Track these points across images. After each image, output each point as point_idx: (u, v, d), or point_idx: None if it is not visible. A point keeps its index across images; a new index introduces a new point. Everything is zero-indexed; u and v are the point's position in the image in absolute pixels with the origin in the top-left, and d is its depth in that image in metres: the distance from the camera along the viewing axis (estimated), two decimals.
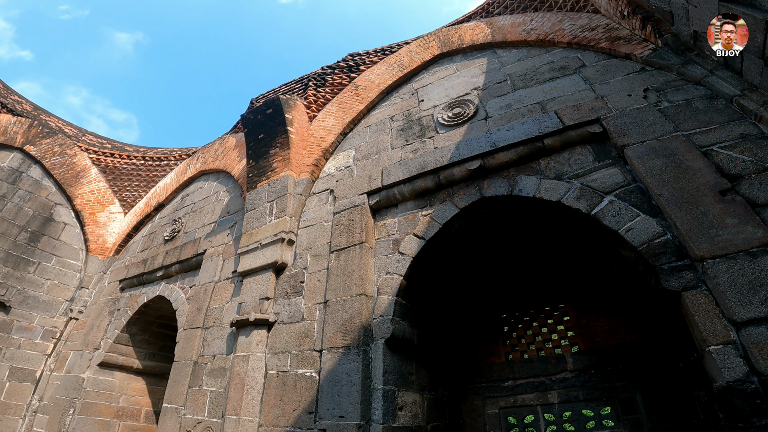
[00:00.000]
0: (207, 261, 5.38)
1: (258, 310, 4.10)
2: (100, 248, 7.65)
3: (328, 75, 6.08)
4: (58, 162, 7.90)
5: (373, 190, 4.22)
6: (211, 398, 4.04)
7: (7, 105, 7.61)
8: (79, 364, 6.04)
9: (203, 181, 7.26)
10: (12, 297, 6.66)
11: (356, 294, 3.47)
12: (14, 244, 6.97)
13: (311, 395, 3.25)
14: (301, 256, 4.31)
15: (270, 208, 4.87)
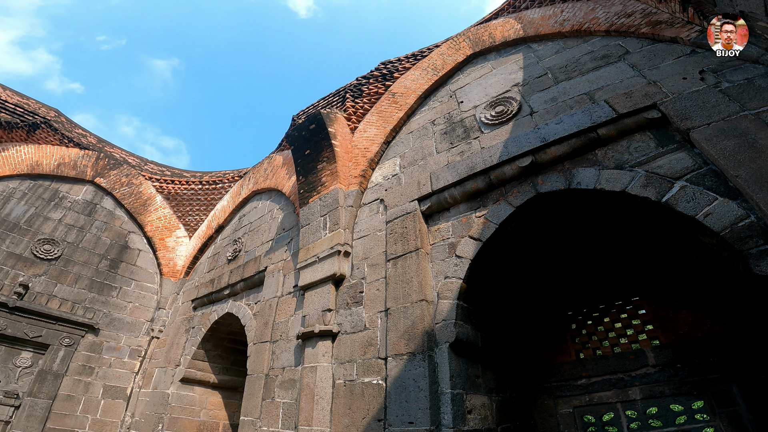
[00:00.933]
0: (269, 277, 5.66)
1: (321, 322, 4.25)
2: (172, 271, 8.31)
3: (363, 85, 6.18)
4: (126, 192, 8.69)
5: (423, 195, 4.24)
6: (283, 410, 4.22)
7: (74, 139, 8.43)
8: (164, 380, 6.55)
9: (257, 201, 7.66)
10: (100, 320, 7.39)
11: (416, 300, 3.50)
12: (97, 271, 7.75)
13: (379, 403, 3.30)
14: (358, 267, 4.42)
15: (323, 222, 5.04)
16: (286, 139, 7.24)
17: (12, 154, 7.45)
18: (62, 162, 8.02)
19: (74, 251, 7.59)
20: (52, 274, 7.20)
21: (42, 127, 7.82)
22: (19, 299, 6.65)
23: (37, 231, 7.32)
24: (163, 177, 9.15)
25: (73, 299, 7.26)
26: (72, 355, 6.89)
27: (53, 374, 6.62)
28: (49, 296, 7.03)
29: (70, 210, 7.89)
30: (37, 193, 7.61)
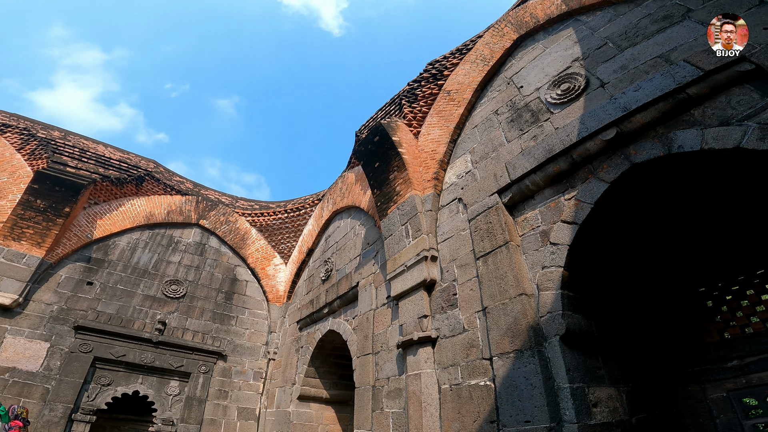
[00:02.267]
0: (361, 292, 5.86)
1: (419, 329, 4.25)
2: (276, 296, 9.08)
3: (416, 89, 6.13)
4: (227, 230, 9.73)
5: (502, 187, 4.07)
6: (393, 419, 4.28)
7: (174, 187, 9.62)
8: (284, 399, 7.10)
9: (339, 220, 8.04)
10: (226, 347, 8.30)
11: (515, 295, 3.33)
12: (216, 303, 8.75)
13: (489, 404, 3.19)
14: (448, 270, 4.36)
15: (405, 231, 5.09)
16: (354, 155, 7.53)
17: (129, 208, 8.85)
18: (170, 209, 9.29)
19: (195, 288, 8.69)
20: (182, 310, 8.32)
21: (146, 179, 9.15)
22: (160, 335, 7.77)
23: (163, 274, 8.55)
24: (253, 211, 10.10)
25: (202, 330, 8.29)
26: (209, 381, 7.83)
27: (197, 400, 7.56)
28: (183, 330, 8.11)
29: (185, 252, 9.09)
30: (156, 241, 8.90)
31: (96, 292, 7.72)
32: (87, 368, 7.04)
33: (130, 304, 7.91)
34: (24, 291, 7.01)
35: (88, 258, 7.94)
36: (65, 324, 7.22)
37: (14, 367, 6.59)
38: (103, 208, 8.46)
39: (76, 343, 7.12)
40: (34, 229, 7.34)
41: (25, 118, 8.64)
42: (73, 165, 8.07)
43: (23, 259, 7.15)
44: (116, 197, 8.73)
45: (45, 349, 6.92)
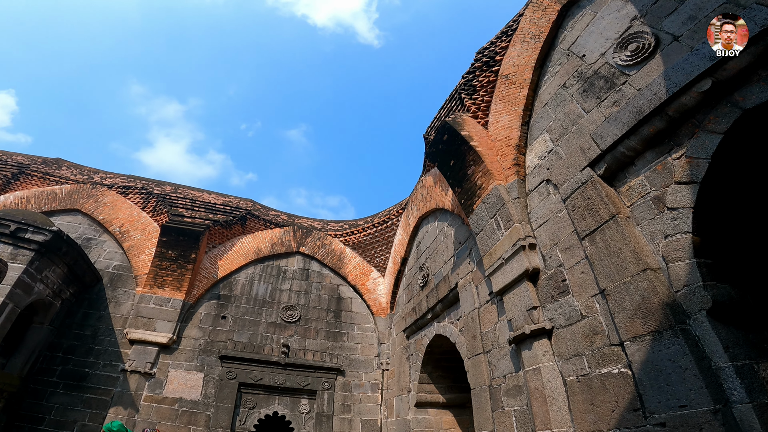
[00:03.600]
0: (461, 292, 5.77)
1: (529, 322, 4.04)
2: (379, 309, 9.40)
3: (472, 80, 5.97)
4: (324, 252, 10.37)
5: (593, 160, 3.74)
6: (515, 417, 4.11)
7: (272, 221, 10.56)
8: (402, 407, 7.25)
9: (426, 225, 8.06)
10: (342, 363, 8.79)
11: (637, 272, 2.99)
12: (327, 323, 9.34)
13: (629, 392, 2.88)
14: (550, 256, 4.10)
15: (495, 223, 4.91)
16: (427, 158, 7.53)
17: (240, 247, 9.93)
18: (273, 242, 10.23)
19: (307, 311, 9.40)
20: (299, 332, 9.05)
21: (248, 218, 10.22)
22: (286, 357, 8.53)
23: (278, 301, 9.41)
24: (344, 231, 10.64)
25: (320, 349, 8.91)
26: (333, 397, 8.35)
27: (326, 416, 8.11)
28: (304, 350, 8.81)
29: (293, 279, 9.90)
30: (267, 272, 9.84)
31: (230, 324, 8.81)
32: (235, 393, 8.00)
33: (258, 332, 8.86)
34: (175, 330, 8.28)
35: (218, 295, 9.13)
36: (212, 355, 8.34)
37: (180, 397, 7.77)
38: (220, 250, 9.66)
39: (224, 371, 8.16)
40: (172, 276, 8.66)
41: (140, 178, 10.35)
42: (189, 215, 9.39)
43: (169, 303, 8.47)
44: (228, 238, 9.91)
45: (201, 379, 8.05)
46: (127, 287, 8.66)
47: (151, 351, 8.00)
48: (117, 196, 9.78)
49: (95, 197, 9.65)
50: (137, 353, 7.92)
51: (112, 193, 9.82)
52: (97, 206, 9.51)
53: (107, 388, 7.52)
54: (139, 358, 7.87)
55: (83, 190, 9.74)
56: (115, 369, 7.73)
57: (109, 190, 9.88)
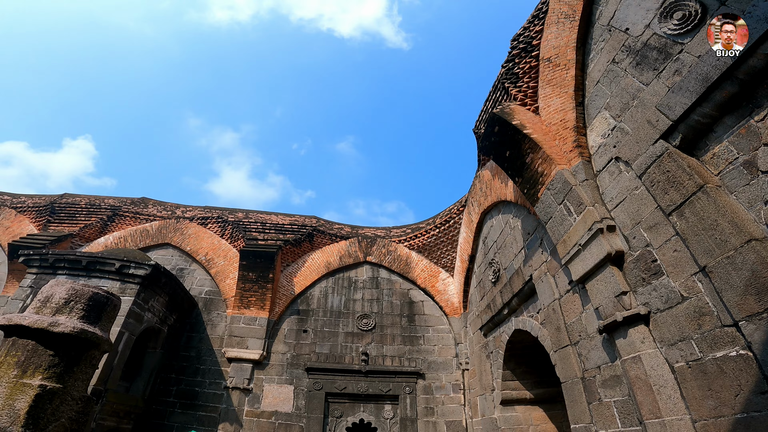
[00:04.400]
0: (538, 284, 5.60)
1: (620, 308, 3.83)
2: (452, 309, 9.37)
3: (513, 68, 5.86)
4: (390, 259, 10.55)
5: (665, 131, 3.55)
6: (617, 408, 3.92)
7: (336, 234, 10.97)
8: (487, 406, 7.15)
9: (489, 220, 7.92)
10: (421, 366, 8.87)
11: (740, 244, 2.74)
12: (402, 328, 9.48)
13: (752, 375, 2.64)
14: (634, 236, 3.87)
15: (565, 209, 4.73)
16: (481, 152, 7.45)
17: (311, 263, 10.42)
18: (341, 254, 10.62)
19: (381, 318, 9.63)
20: (376, 340, 9.29)
21: (315, 234, 10.74)
22: (366, 365, 8.80)
23: (353, 311, 9.74)
24: (407, 236, 10.76)
25: (397, 354, 9.07)
26: (415, 400, 8.45)
27: (410, 420, 8.23)
28: (382, 357, 9.02)
29: (363, 288, 10.20)
30: (339, 284, 10.24)
31: (311, 337, 9.30)
32: (323, 404, 8.41)
33: (337, 342, 9.24)
34: (264, 346, 8.91)
35: (297, 310, 9.68)
36: (298, 368, 8.85)
37: (276, 410, 8.33)
38: (293, 268, 10.24)
39: (311, 383, 8.62)
40: (255, 296, 9.34)
41: (215, 208, 11.27)
42: (261, 238, 10.08)
43: (256, 322, 9.14)
44: (299, 256, 10.48)
45: (291, 391, 8.58)
46: (219, 310, 9.50)
47: (246, 368, 8.68)
48: (198, 227, 10.79)
49: (180, 230, 10.72)
50: (235, 370, 8.63)
51: (193, 225, 10.85)
52: (183, 238, 10.56)
53: (215, 405, 8.28)
54: (237, 375, 8.58)
55: (170, 225, 10.87)
56: (219, 386, 8.49)
57: (191, 222, 10.93)
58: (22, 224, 10.97)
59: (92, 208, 10.94)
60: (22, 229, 10.81)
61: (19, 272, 9.51)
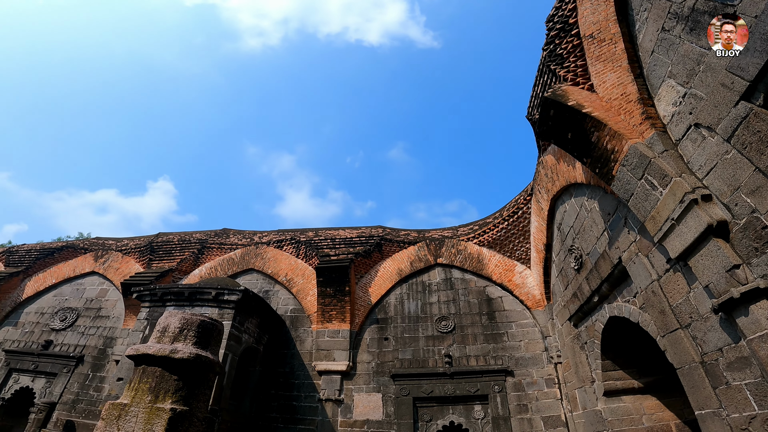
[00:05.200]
0: (630, 266, 5.25)
1: (735, 284, 3.49)
2: (534, 302, 9.04)
3: (555, 50, 5.69)
4: (461, 258, 10.44)
5: (743, 93, 3.29)
6: (750, 391, 3.55)
7: (403, 240, 11.09)
8: (588, 399, 6.77)
9: (561, 205, 7.57)
10: (508, 363, 8.64)
11: None
12: (483, 326, 9.32)
13: None
14: (735, 203, 3.52)
15: (648, 184, 4.42)
16: (540, 138, 7.21)
17: (383, 272, 10.64)
18: (411, 260, 10.74)
19: (460, 318, 9.56)
20: (458, 341, 9.23)
21: (383, 243, 10.97)
22: (451, 367, 8.77)
23: (430, 315, 9.78)
24: (474, 233, 10.60)
25: (481, 354, 8.94)
26: (506, 398, 8.25)
27: (502, 419, 8.04)
28: (465, 357, 8.94)
29: (437, 291, 10.21)
30: (413, 289, 10.34)
31: (392, 344, 9.50)
32: (411, 409, 8.52)
33: (419, 347, 9.34)
34: (350, 357, 9.27)
35: (376, 319, 9.95)
36: (384, 375, 9.07)
37: (367, 419, 8.60)
38: (367, 279, 10.55)
39: (397, 389, 8.79)
40: (335, 309, 9.76)
41: (286, 230, 11.97)
42: (333, 253, 10.52)
43: (339, 334, 9.54)
44: (370, 266, 10.78)
45: (380, 399, 8.81)
46: (305, 326, 10.07)
47: (335, 379, 9.08)
48: (275, 250, 11.56)
49: (260, 255, 11.56)
50: (326, 382, 9.07)
51: (271, 248, 11.65)
52: (264, 262, 11.37)
53: (312, 417, 8.75)
54: (328, 387, 9.00)
55: (251, 252, 11.76)
56: (313, 399, 8.97)
57: (268, 246, 11.74)
58: (128, 264, 12.54)
59: (184, 243, 12.21)
60: (129, 269, 12.36)
61: (133, 307, 10.86)
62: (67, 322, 11.55)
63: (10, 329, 11.85)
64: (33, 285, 12.69)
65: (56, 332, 11.43)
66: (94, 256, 13.02)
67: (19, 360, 10.88)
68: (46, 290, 12.57)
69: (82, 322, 11.44)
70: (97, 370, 10.36)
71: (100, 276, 12.58)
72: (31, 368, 10.70)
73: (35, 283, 12.72)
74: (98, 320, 11.41)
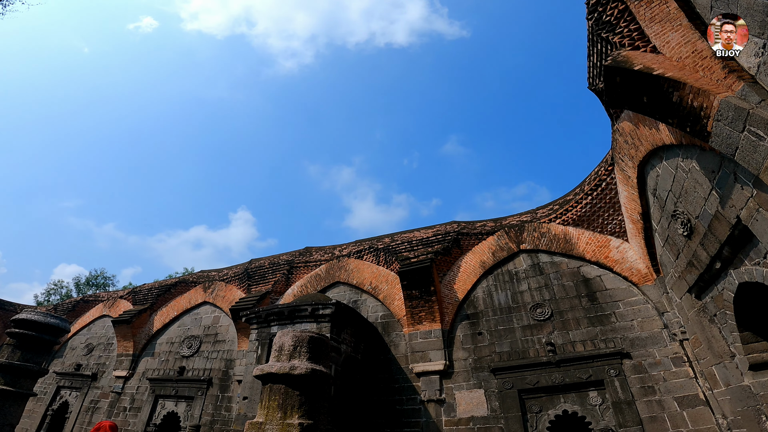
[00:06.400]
0: (752, 224, 4.52)
1: None
2: (640, 277, 8.20)
3: (602, 17, 5.57)
4: (546, 241, 9.83)
5: None
6: None
7: (480, 232, 10.77)
8: (729, 375, 5.99)
9: (651, 170, 6.79)
10: (622, 345, 7.93)
11: None
12: (584, 309, 8.68)
13: None
14: None
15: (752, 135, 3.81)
16: (609, 107, 6.87)
17: (465, 266, 10.43)
18: (493, 251, 10.39)
19: (556, 304, 9.02)
20: (558, 327, 8.71)
21: (460, 238, 10.78)
22: (555, 355, 8.30)
23: (523, 304, 9.36)
24: (556, 213, 9.93)
25: (588, 338, 8.33)
26: (626, 382, 7.57)
27: (624, 403, 7.39)
28: (570, 343, 8.40)
29: (525, 278, 9.74)
30: (499, 280, 9.99)
31: (487, 339, 9.27)
32: (518, 401, 8.23)
33: (516, 338, 8.99)
34: (445, 356, 9.24)
35: (466, 315, 9.80)
36: (483, 370, 8.88)
37: (472, 416, 8.49)
38: (450, 276, 10.45)
39: (500, 383, 8.55)
40: (423, 311, 9.80)
41: (363, 240, 12.30)
42: (412, 256, 10.56)
43: (431, 334, 9.56)
44: (451, 263, 10.66)
45: (482, 395, 8.64)
46: (396, 330, 10.27)
47: (434, 379, 9.11)
48: (356, 261, 11.98)
49: (344, 267, 12.06)
50: (425, 383, 9.14)
51: (352, 260, 12.09)
52: (348, 274, 11.84)
53: (416, 419, 8.88)
54: (428, 388, 9.06)
55: (334, 265, 12.33)
56: (415, 401, 9.09)
57: (349, 258, 12.20)
58: (232, 291, 13.89)
59: (274, 266, 13.20)
60: (233, 295, 13.69)
61: (243, 329, 12.00)
62: (193, 348, 13.14)
63: (149, 359, 13.82)
64: (160, 318, 14.66)
65: (186, 358, 13.07)
66: (203, 287, 14.65)
67: (162, 386, 12.62)
68: (171, 322, 14.44)
69: (205, 348, 12.93)
70: (224, 390, 11.61)
71: (211, 305, 14.11)
72: (172, 393, 12.34)
73: (161, 317, 14.68)
74: (217, 344, 12.80)
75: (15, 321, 6.55)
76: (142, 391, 12.95)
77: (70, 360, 15.74)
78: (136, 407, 12.64)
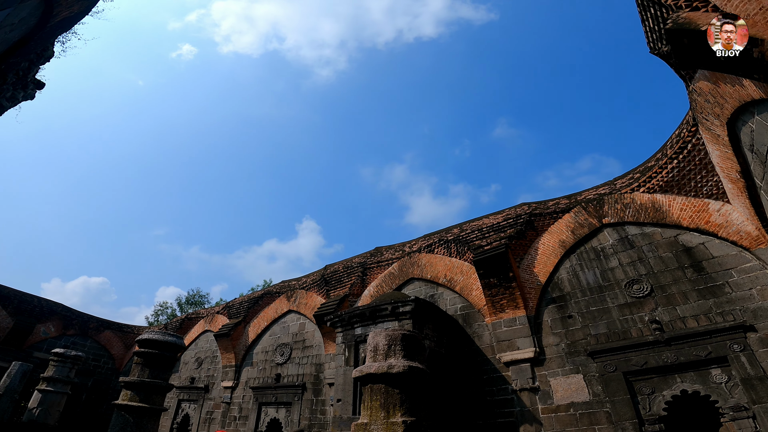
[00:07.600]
0: None
1: None
2: (751, 240, 7.18)
3: None
4: (631, 212, 9.00)
5: None
6: None
7: (554, 210, 10.14)
8: None
9: (743, 125, 5.77)
10: (744, 316, 7.01)
11: None
12: (689, 281, 7.81)
13: None
14: None
15: None
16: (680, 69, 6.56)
17: (543, 248, 9.89)
18: (572, 228, 9.75)
19: (656, 278, 8.20)
20: (661, 303, 7.92)
21: (533, 219, 10.30)
22: (662, 333, 7.56)
23: (616, 281, 8.66)
24: (638, 181, 9.06)
25: (700, 312, 7.47)
26: (753, 357, 6.69)
27: (756, 379, 6.54)
28: (680, 319, 7.58)
29: (615, 253, 8.99)
30: (584, 258, 9.33)
31: (579, 321, 8.72)
32: (624, 384, 7.63)
33: (612, 318, 8.35)
34: (534, 342, 8.86)
35: (551, 299, 9.31)
36: (578, 355, 8.37)
37: (571, 401, 8.04)
38: (528, 260, 10.00)
39: (600, 366, 8.00)
40: (504, 298, 9.49)
41: (431, 234, 12.19)
42: (485, 243, 10.27)
43: (516, 321, 9.23)
44: (527, 246, 10.19)
45: (581, 380, 8.15)
46: (478, 321, 10.07)
47: (525, 368, 8.77)
48: (428, 255, 11.94)
49: (416, 263, 12.09)
50: (515, 372, 8.84)
51: (423, 255, 12.08)
52: (421, 269, 11.86)
53: (509, 410, 8.63)
54: (519, 377, 8.75)
55: (406, 262, 12.41)
56: (506, 391, 8.84)
57: (420, 253, 12.20)
58: (312, 298, 14.60)
59: (348, 270, 13.64)
60: (314, 302, 14.37)
61: (328, 334, 12.56)
62: (285, 356, 14.05)
63: (249, 368, 15.02)
64: (253, 329, 15.86)
65: (280, 366, 14.00)
66: (286, 296, 15.59)
67: (263, 394, 13.64)
68: (263, 332, 15.56)
69: (295, 354, 13.76)
70: (317, 394, 12.25)
71: (296, 312, 14.97)
72: (272, 400, 13.29)
73: (254, 328, 15.87)
74: (306, 350, 13.55)
75: (140, 341, 7.26)
76: (247, 399, 14.10)
77: (185, 374, 17.56)
78: (243, 416, 13.78)
